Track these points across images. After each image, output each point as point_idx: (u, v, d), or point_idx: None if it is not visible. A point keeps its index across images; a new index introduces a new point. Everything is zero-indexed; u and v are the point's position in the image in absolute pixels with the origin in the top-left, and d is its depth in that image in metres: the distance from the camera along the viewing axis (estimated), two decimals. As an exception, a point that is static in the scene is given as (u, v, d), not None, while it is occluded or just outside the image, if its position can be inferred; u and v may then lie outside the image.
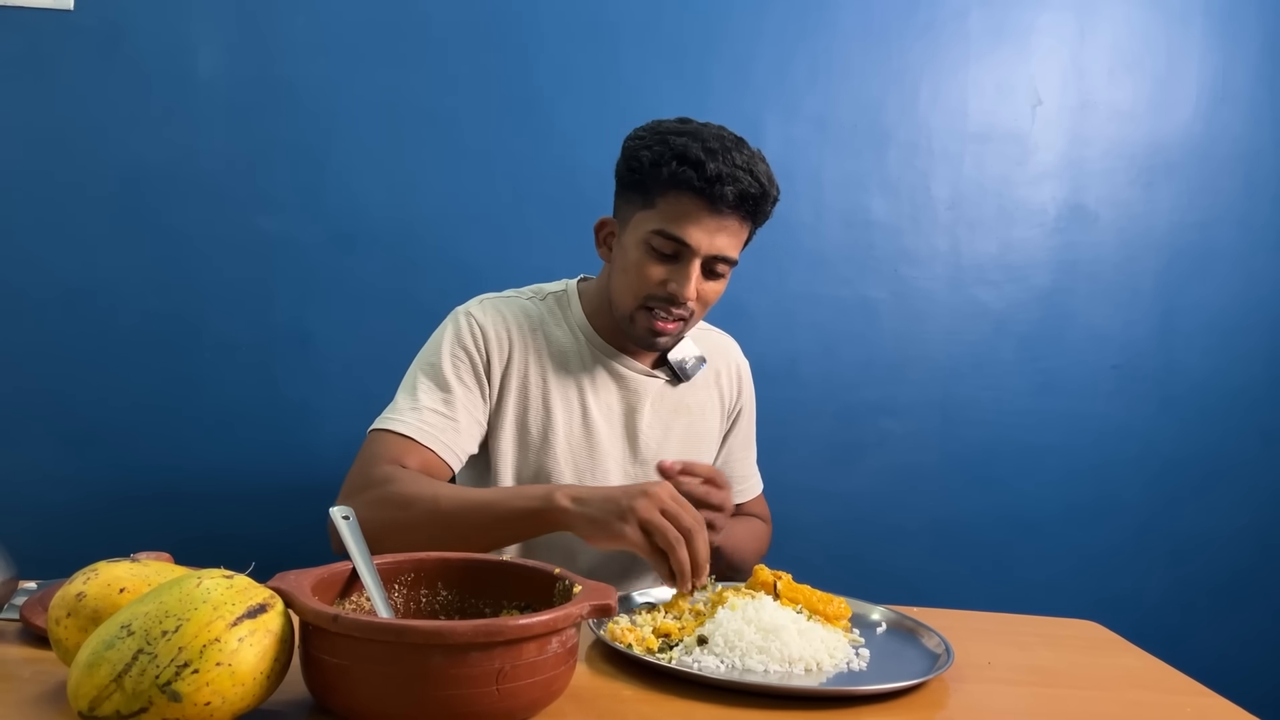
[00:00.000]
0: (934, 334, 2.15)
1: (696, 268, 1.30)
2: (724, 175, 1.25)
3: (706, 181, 1.25)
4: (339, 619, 0.74)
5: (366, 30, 1.97)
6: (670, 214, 1.28)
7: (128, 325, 1.94)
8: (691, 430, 1.49)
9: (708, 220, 1.28)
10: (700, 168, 1.25)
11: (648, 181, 1.30)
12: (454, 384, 1.36)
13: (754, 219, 1.33)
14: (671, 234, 1.28)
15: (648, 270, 1.31)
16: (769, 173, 1.31)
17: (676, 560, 1.03)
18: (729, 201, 1.26)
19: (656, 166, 1.28)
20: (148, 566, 0.85)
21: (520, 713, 0.79)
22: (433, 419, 1.32)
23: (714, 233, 1.28)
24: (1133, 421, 2.20)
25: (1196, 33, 2.17)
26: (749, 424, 1.60)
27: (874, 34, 2.10)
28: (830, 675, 0.98)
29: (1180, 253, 2.20)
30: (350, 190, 1.98)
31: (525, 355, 1.42)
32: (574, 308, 1.46)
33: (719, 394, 1.53)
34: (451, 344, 1.39)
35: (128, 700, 0.70)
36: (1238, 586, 2.24)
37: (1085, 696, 1.02)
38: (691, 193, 1.26)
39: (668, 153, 1.27)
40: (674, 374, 1.47)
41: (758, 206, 1.30)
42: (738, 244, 1.33)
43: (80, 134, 1.91)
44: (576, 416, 1.42)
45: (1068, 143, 2.16)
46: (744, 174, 1.26)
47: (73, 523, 1.92)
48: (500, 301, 1.46)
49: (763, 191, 1.29)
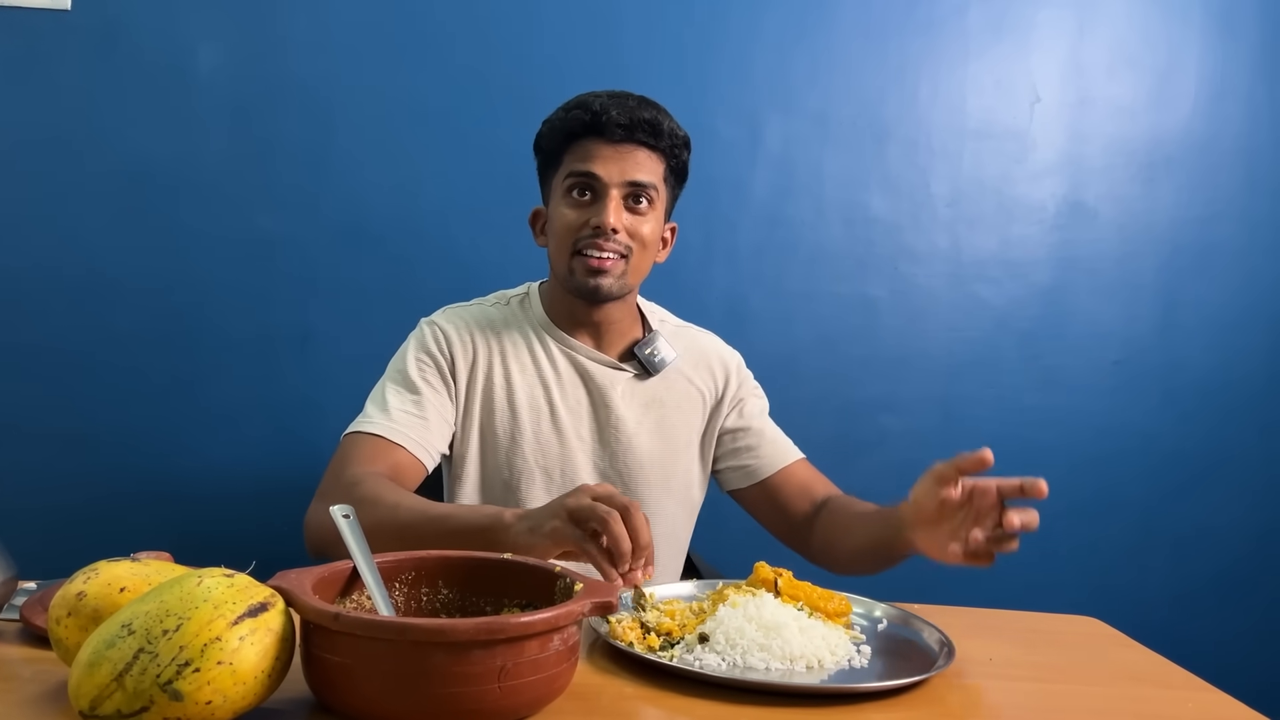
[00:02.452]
0: (934, 331, 2.16)
1: (614, 198, 1.34)
2: (609, 106, 1.33)
3: (594, 115, 1.33)
4: (340, 617, 0.74)
5: (367, 28, 1.97)
6: (575, 158, 1.36)
7: (129, 324, 1.94)
8: (665, 423, 1.48)
9: (609, 151, 1.34)
10: (586, 107, 1.34)
11: (551, 145, 1.38)
12: (421, 386, 1.39)
13: (661, 151, 1.37)
14: (579, 170, 1.35)
15: (569, 215, 1.36)
16: (668, 114, 1.37)
17: (611, 535, 0.99)
18: (621, 125, 1.33)
19: (553, 128, 1.38)
20: (148, 566, 0.85)
21: (522, 710, 0.79)
22: (403, 418, 1.35)
23: (619, 161, 1.34)
24: (1133, 417, 2.21)
25: (1196, 29, 2.17)
26: (760, 403, 1.56)
27: (874, 31, 2.10)
28: (832, 672, 0.98)
29: (1180, 248, 2.20)
30: (351, 188, 1.98)
31: (489, 358, 1.44)
32: (534, 307, 1.49)
33: (699, 390, 1.52)
34: (416, 350, 1.43)
35: (129, 699, 0.70)
36: (1237, 580, 2.25)
37: (1086, 692, 1.02)
38: (586, 132, 1.34)
39: (560, 114, 1.38)
40: (642, 368, 1.47)
41: (656, 131, 1.35)
42: (649, 173, 1.36)
43: (79, 134, 1.91)
44: (544, 415, 1.43)
45: (1067, 139, 2.16)
46: (633, 106, 1.34)
47: (73, 522, 1.93)
48: (462, 309, 1.49)
49: (654, 117, 1.35)
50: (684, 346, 1.52)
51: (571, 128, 1.35)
